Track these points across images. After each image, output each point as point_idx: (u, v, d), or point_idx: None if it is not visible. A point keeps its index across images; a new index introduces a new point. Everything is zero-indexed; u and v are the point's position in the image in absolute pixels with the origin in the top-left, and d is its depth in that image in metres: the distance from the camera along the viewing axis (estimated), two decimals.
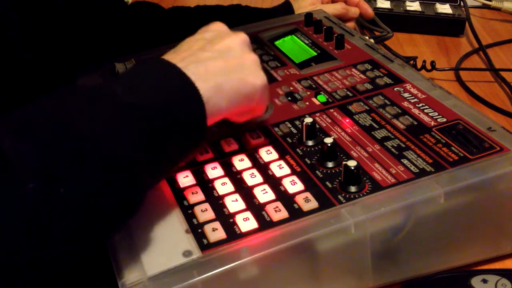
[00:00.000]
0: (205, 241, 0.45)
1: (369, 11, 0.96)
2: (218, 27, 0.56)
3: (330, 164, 0.51)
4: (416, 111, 0.57)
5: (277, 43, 0.76)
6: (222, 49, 0.52)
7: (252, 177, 0.51)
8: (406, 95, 0.61)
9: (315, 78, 0.66)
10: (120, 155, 0.41)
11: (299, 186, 0.49)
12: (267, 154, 0.54)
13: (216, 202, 0.49)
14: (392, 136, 0.54)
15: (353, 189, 0.48)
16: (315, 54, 0.72)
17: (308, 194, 0.48)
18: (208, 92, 0.47)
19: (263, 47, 0.75)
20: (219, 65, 0.50)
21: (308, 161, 0.52)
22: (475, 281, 0.46)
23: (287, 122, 0.58)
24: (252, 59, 0.52)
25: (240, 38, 0.54)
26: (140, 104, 0.44)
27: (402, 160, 0.51)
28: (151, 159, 0.44)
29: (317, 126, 0.56)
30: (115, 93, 0.44)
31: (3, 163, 0.37)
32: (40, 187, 0.37)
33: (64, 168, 0.38)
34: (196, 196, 0.50)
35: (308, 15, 0.80)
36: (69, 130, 0.40)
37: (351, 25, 0.95)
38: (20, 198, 0.36)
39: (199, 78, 0.47)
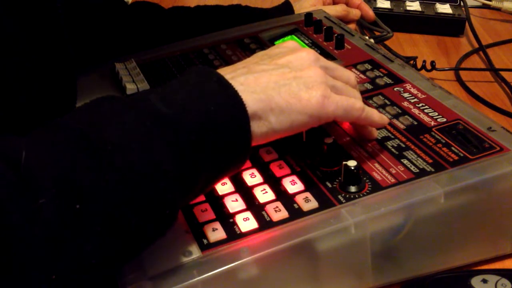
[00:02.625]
0: (205, 241, 0.45)
1: (370, 13, 0.96)
2: (289, 44, 0.52)
3: (331, 165, 0.51)
4: (416, 111, 0.57)
5: (277, 43, 0.76)
6: (281, 63, 0.48)
7: (252, 177, 0.51)
8: (406, 95, 0.61)
9: None
10: (147, 171, 0.38)
11: (299, 186, 0.49)
12: (267, 153, 0.54)
13: (216, 202, 0.49)
14: (392, 136, 0.54)
15: (353, 189, 0.48)
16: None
17: (308, 194, 0.48)
18: (255, 106, 0.43)
19: (263, 47, 0.75)
20: (273, 77, 0.46)
21: (308, 161, 0.52)
22: (475, 281, 0.46)
23: None
24: (315, 73, 0.47)
25: (306, 53, 0.49)
26: (175, 115, 0.40)
27: (402, 160, 0.51)
28: (183, 177, 0.40)
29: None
30: (149, 101, 0.41)
31: (20, 175, 0.34)
32: (57, 200, 0.35)
33: (82, 181, 0.36)
34: None
35: (308, 15, 0.80)
36: (92, 140, 0.37)
37: (352, 27, 0.95)
38: (37, 211, 0.34)
39: (246, 90, 0.43)
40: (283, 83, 0.45)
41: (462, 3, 1.02)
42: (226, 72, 0.45)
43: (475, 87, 0.83)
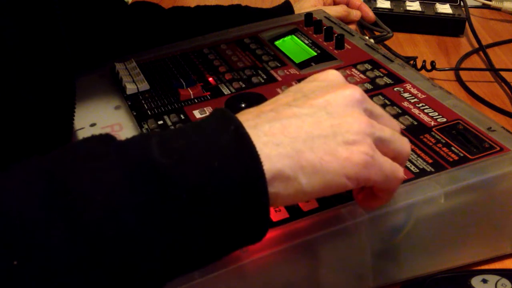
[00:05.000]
0: None
1: (370, 14, 0.96)
2: (330, 76, 0.42)
3: None
4: (416, 111, 0.57)
5: (277, 43, 0.76)
6: (317, 105, 0.38)
7: None
8: (406, 95, 0.60)
9: None
10: (125, 233, 0.31)
11: None
12: None
13: None
14: None
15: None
16: (315, 54, 0.72)
17: None
18: (280, 163, 0.35)
19: (263, 47, 0.75)
20: (306, 126, 0.37)
21: None
22: (475, 281, 0.46)
23: None
24: (359, 122, 0.38)
25: (350, 92, 0.39)
26: (175, 168, 0.33)
27: None
28: (174, 248, 0.33)
29: None
30: (146, 143, 0.34)
31: None
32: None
33: (30, 232, 0.30)
34: None
35: (308, 15, 0.80)
36: (62, 187, 0.32)
37: (352, 27, 0.95)
38: None
39: (270, 141, 0.35)
40: (317, 134, 0.37)
41: (462, 3, 1.02)
42: (250, 117, 0.37)
43: (475, 87, 0.83)
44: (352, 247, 0.46)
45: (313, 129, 0.37)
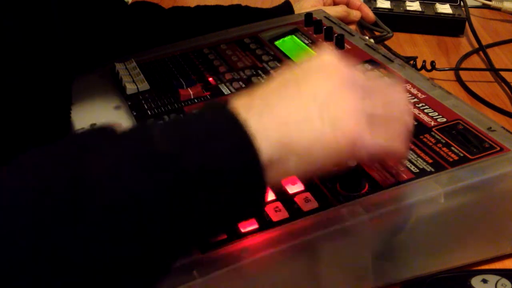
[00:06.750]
0: None
1: (370, 14, 0.96)
2: (322, 59, 0.41)
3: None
4: (416, 111, 0.57)
5: (277, 43, 0.76)
6: (306, 89, 0.39)
7: None
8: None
9: None
10: (134, 219, 0.33)
11: (299, 186, 0.49)
12: None
13: None
14: None
15: (353, 189, 0.48)
16: (315, 54, 0.72)
17: (308, 194, 0.48)
18: (270, 151, 0.36)
19: (263, 47, 0.75)
20: (293, 111, 0.38)
21: None
22: (475, 281, 0.46)
23: None
24: (347, 100, 0.38)
25: (340, 75, 0.39)
26: (176, 155, 0.35)
27: None
28: (178, 227, 0.35)
29: None
30: (149, 132, 0.37)
31: None
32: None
33: (52, 225, 0.32)
34: None
35: (308, 15, 0.80)
36: (70, 176, 0.34)
37: (352, 28, 0.95)
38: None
39: (260, 129, 0.36)
40: (304, 117, 0.37)
41: (462, 3, 1.02)
42: (242, 104, 0.38)
43: (475, 87, 0.83)
44: (352, 247, 0.46)
45: (300, 113, 0.38)
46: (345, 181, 0.48)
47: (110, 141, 0.37)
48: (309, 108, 0.38)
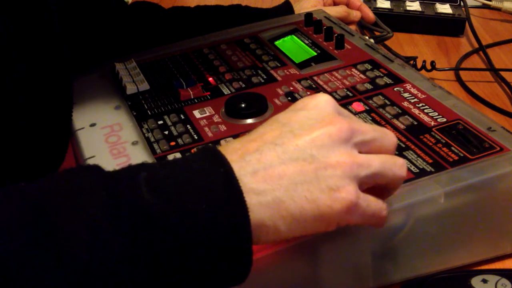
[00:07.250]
0: None
1: (370, 15, 0.96)
2: (321, 103, 0.40)
3: None
4: (416, 111, 0.57)
5: (277, 43, 0.76)
6: (302, 146, 0.37)
7: None
8: (406, 95, 0.60)
9: (315, 78, 0.66)
10: (111, 272, 0.32)
11: None
12: None
13: None
14: None
15: None
16: (315, 54, 0.72)
17: None
18: (261, 213, 0.36)
19: (263, 47, 0.75)
20: (289, 172, 0.36)
21: None
22: (475, 281, 0.46)
23: None
24: (343, 164, 0.37)
25: (338, 129, 0.38)
26: (156, 206, 0.33)
27: None
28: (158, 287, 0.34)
29: None
30: (134, 181, 0.35)
31: None
32: None
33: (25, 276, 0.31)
34: None
35: (308, 15, 0.80)
36: (51, 226, 0.32)
37: (352, 28, 0.95)
38: None
39: (252, 189, 0.35)
40: (300, 180, 0.36)
41: (462, 3, 1.02)
42: (234, 158, 0.37)
43: (475, 87, 0.83)
44: (352, 247, 0.46)
45: (296, 175, 0.36)
46: None
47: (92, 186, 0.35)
48: (306, 168, 0.37)
